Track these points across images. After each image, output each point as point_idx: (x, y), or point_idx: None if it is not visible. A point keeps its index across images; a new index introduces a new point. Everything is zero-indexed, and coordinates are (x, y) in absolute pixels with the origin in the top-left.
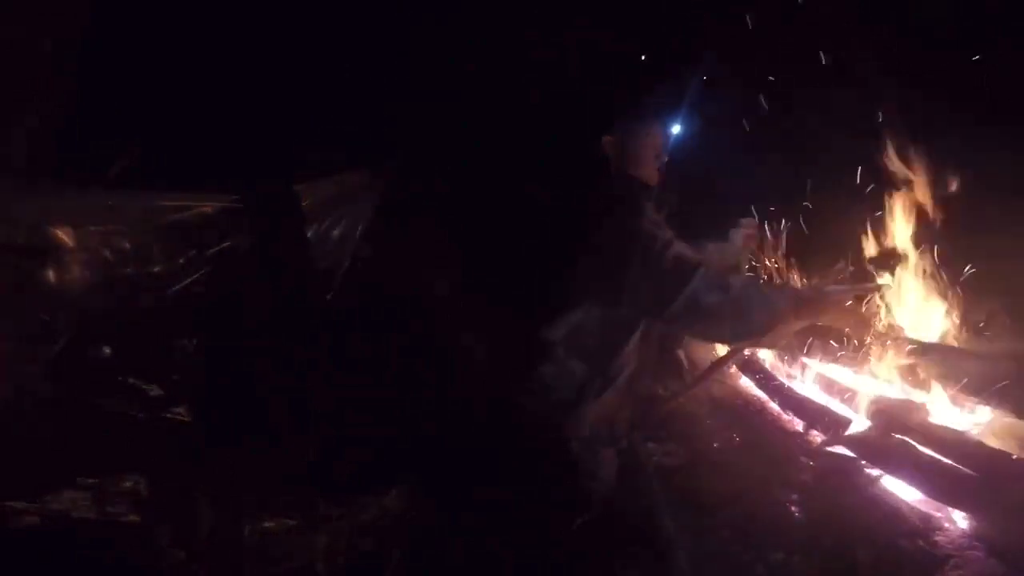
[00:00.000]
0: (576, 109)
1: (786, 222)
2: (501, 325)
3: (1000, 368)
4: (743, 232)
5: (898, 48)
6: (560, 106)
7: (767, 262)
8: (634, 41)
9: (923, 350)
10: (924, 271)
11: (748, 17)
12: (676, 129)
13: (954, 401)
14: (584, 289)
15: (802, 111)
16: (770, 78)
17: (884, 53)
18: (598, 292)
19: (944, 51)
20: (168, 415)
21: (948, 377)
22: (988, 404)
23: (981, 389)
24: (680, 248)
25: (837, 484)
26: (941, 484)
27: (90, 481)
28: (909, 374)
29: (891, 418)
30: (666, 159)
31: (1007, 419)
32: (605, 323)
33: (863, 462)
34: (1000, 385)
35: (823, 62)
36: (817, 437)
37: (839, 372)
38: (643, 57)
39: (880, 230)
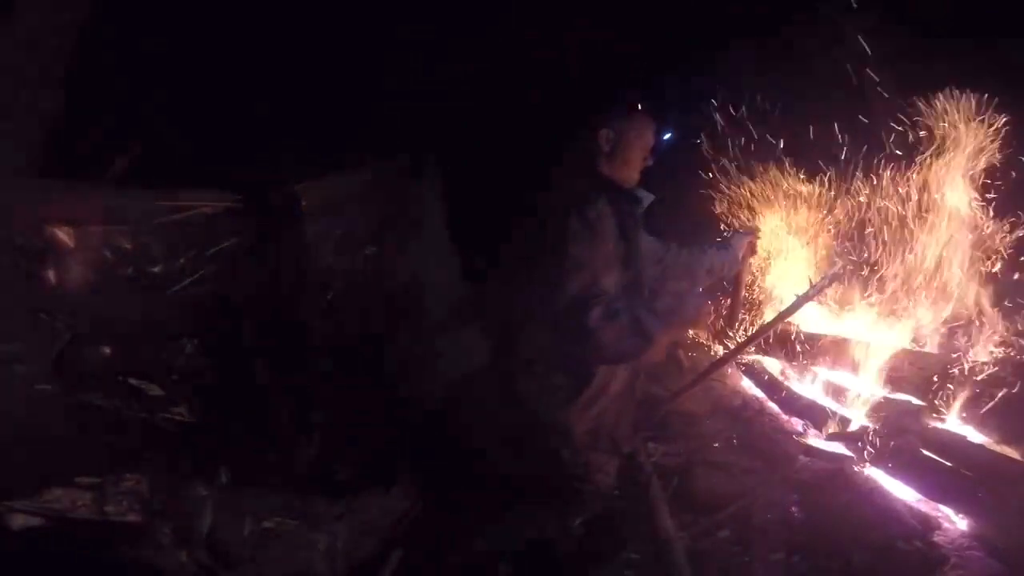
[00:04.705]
0: (574, 109)
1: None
2: (495, 329)
3: None
4: (744, 241)
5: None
6: (559, 106)
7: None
8: (634, 43)
9: None
10: None
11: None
12: (667, 136)
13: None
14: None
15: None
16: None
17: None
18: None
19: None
20: (168, 415)
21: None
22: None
23: None
24: (589, 278)
25: (837, 484)
26: (941, 485)
27: (90, 481)
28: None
29: (891, 419)
30: (651, 163)
31: None
32: None
33: (863, 462)
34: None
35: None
36: (817, 437)
37: (840, 374)
38: (640, 62)
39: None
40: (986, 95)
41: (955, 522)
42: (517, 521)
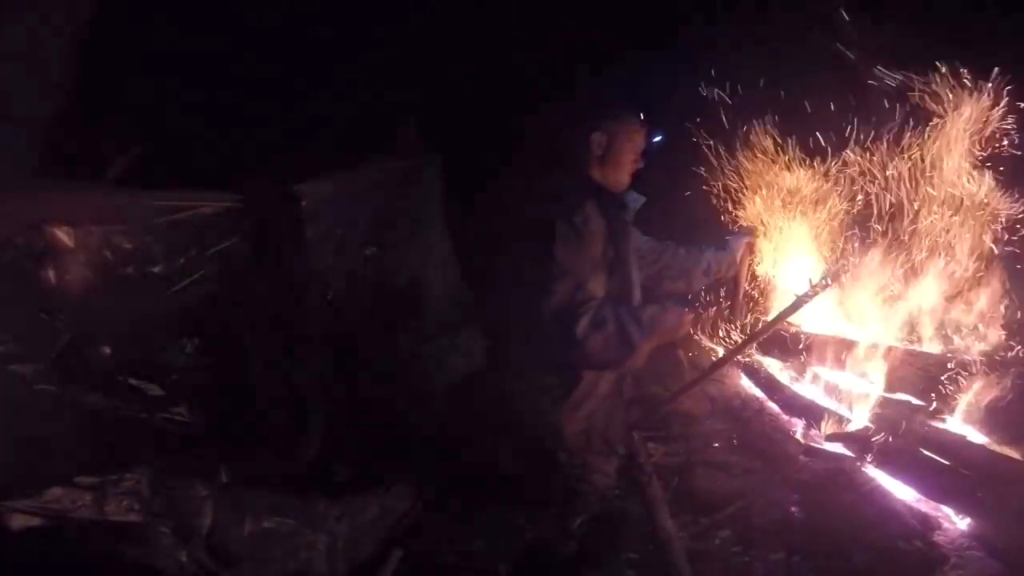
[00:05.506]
0: (571, 110)
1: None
2: (493, 330)
3: None
4: (742, 242)
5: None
6: (556, 106)
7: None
8: (625, 44)
9: None
10: None
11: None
12: (658, 138)
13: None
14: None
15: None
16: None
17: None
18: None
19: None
20: (168, 415)
21: None
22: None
23: None
24: (574, 283)
25: (837, 484)
26: (941, 485)
27: (90, 481)
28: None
29: (892, 419)
30: (641, 166)
31: None
32: None
33: (863, 462)
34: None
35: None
36: (817, 436)
37: (840, 374)
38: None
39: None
40: (990, 83)
41: (955, 522)
42: (517, 521)
